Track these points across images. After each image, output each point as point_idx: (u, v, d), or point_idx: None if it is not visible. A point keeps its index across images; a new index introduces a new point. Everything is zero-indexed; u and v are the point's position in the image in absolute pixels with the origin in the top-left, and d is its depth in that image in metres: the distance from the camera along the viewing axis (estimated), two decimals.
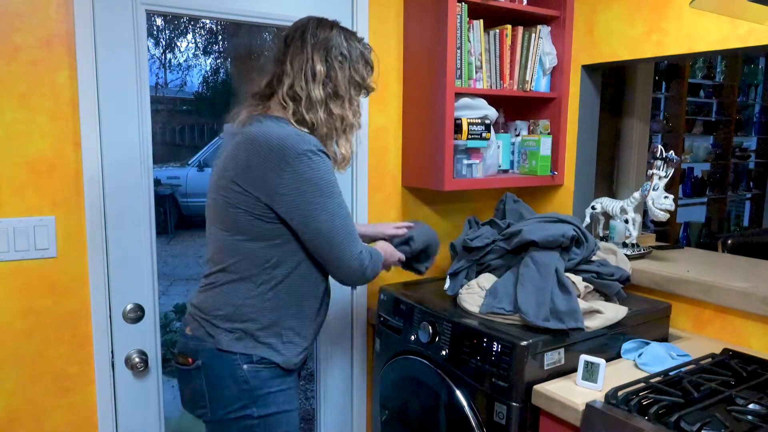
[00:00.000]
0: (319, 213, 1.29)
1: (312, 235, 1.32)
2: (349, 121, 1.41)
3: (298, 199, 1.28)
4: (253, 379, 1.35)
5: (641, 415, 1.27)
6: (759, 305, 1.65)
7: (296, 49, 1.36)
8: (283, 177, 1.26)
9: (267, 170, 1.27)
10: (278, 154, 1.26)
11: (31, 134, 1.58)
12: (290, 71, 1.35)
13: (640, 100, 2.75)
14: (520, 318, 1.58)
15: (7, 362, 1.60)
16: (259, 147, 1.28)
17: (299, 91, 1.34)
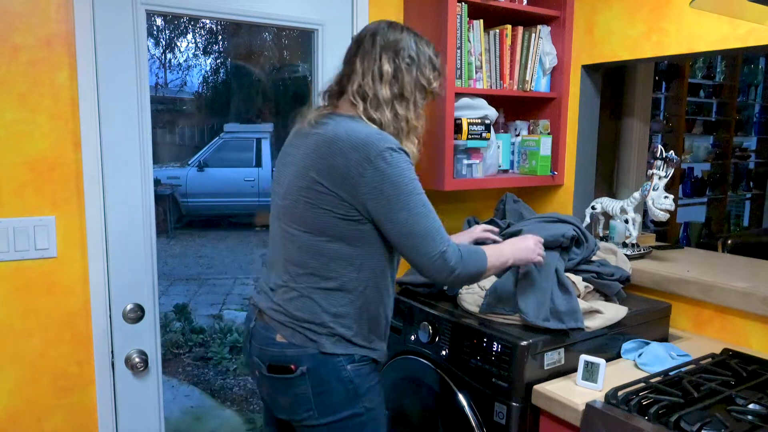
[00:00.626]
0: (399, 210, 1.29)
1: (394, 233, 1.32)
2: (413, 123, 1.42)
3: (379, 197, 1.28)
4: (356, 378, 1.37)
5: (641, 415, 1.27)
6: (759, 305, 1.65)
7: (366, 49, 1.39)
8: (364, 175, 1.27)
9: (350, 168, 1.28)
10: (361, 152, 1.27)
11: (31, 134, 1.58)
12: (359, 70, 1.38)
13: (640, 100, 2.75)
14: (520, 318, 1.58)
15: (7, 362, 1.60)
16: (342, 146, 1.29)
17: (367, 90, 1.37)
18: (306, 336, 1.35)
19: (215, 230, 4.28)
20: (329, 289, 1.36)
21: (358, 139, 1.29)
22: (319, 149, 1.33)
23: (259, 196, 4.67)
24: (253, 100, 3.26)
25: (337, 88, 1.43)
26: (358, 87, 1.37)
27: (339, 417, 1.37)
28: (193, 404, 2.86)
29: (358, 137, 1.29)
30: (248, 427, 2.71)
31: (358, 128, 1.32)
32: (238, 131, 4.38)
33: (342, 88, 1.42)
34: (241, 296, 3.70)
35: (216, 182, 4.42)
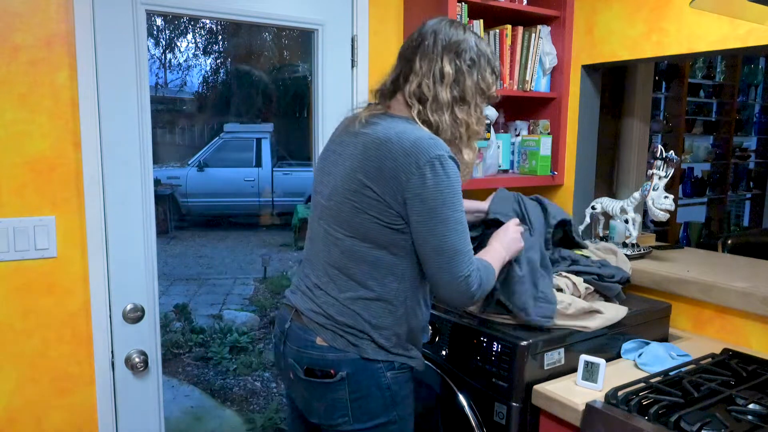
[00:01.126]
0: (437, 223, 1.24)
1: (425, 245, 1.27)
2: (474, 128, 1.37)
3: (420, 205, 1.23)
4: (394, 385, 1.35)
5: (641, 415, 1.27)
6: (759, 305, 1.65)
7: (426, 48, 1.32)
8: (411, 180, 1.23)
9: (398, 173, 1.23)
10: (411, 157, 1.23)
11: (31, 134, 1.58)
12: (418, 70, 1.32)
13: (640, 100, 2.75)
14: (515, 317, 1.57)
15: (7, 362, 1.60)
16: (393, 149, 1.25)
17: (426, 91, 1.31)
18: (347, 340, 1.32)
19: (215, 230, 4.29)
20: (369, 299, 1.32)
21: (409, 141, 1.24)
22: (367, 150, 1.28)
23: (259, 196, 4.68)
24: (253, 100, 3.26)
25: (392, 87, 1.37)
26: (417, 87, 1.31)
27: (373, 424, 1.35)
28: (193, 404, 2.86)
29: (408, 140, 1.24)
30: (248, 427, 2.71)
31: (409, 131, 1.27)
32: (238, 131, 4.39)
33: (397, 87, 1.36)
34: (241, 296, 3.70)
35: (216, 182, 4.43)
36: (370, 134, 1.30)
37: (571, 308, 1.58)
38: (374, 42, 2.07)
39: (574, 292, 1.67)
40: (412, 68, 1.33)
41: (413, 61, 1.33)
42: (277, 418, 2.64)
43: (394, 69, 1.38)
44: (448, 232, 1.24)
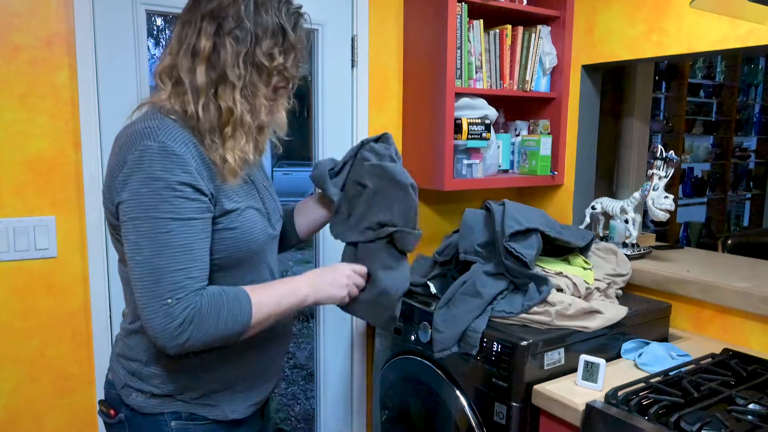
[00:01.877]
0: (129, 232, 0.98)
1: (127, 262, 1.00)
2: (240, 117, 1.05)
3: (122, 210, 0.99)
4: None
5: (641, 415, 1.26)
6: (759, 305, 1.65)
7: (186, 15, 1.05)
8: (117, 179, 1.00)
9: (113, 175, 1.02)
10: (121, 154, 1.01)
11: (31, 134, 1.58)
12: (175, 44, 1.05)
13: (640, 100, 2.74)
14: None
15: (7, 362, 1.60)
16: (114, 147, 1.04)
17: (181, 72, 1.04)
18: (122, 378, 1.13)
19: None
20: (133, 330, 1.12)
21: (126, 135, 1.02)
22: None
23: None
24: None
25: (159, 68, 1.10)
26: (167, 66, 1.05)
27: None
28: None
29: (126, 134, 1.03)
30: None
31: (137, 124, 1.03)
32: None
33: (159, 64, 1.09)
34: None
35: None
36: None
37: (571, 308, 1.57)
38: (374, 42, 2.07)
39: (574, 292, 1.67)
40: (169, 41, 1.06)
41: (174, 33, 1.06)
42: (276, 418, 2.64)
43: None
44: (140, 242, 0.97)
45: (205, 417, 1.13)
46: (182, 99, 1.05)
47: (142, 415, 1.11)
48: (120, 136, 1.05)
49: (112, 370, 1.17)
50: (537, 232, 1.68)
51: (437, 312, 1.65)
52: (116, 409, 1.13)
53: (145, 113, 1.07)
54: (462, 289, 1.65)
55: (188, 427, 1.11)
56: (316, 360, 2.19)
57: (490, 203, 1.75)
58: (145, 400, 1.10)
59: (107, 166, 1.06)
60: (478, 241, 1.74)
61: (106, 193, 1.05)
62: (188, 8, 1.06)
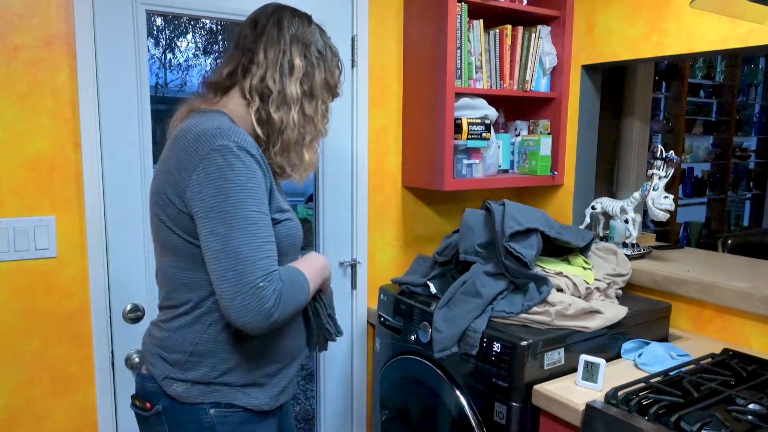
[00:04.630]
0: (216, 224, 1.05)
1: (205, 252, 1.07)
2: (318, 127, 1.24)
3: (199, 204, 1.06)
4: (221, 426, 1.16)
5: (641, 415, 1.27)
6: (759, 305, 1.65)
7: (271, 37, 1.18)
8: (192, 177, 1.06)
9: (181, 171, 1.08)
10: (191, 151, 1.07)
11: (31, 134, 1.58)
12: (262, 61, 1.17)
13: (640, 100, 2.75)
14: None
15: (7, 362, 1.60)
16: (178, 146, 1.10)
17: (271, 85, 1.17)
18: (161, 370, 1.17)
19: None
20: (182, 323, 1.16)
21: (193, 135, 1.09)
22: (165, 153, 1.15)
23: None
24: None
25: (227, 82, 1.21)
26: (259, 82, 1.17)
27: None
28: None
29: (193, 133, 1.09)
30: None
31: (203, 123, 1.10)
32: None
33: (234, 82, 1.20)
34: None
35: None
36: (174, 134, 1.14)
37: (571, 308, 1.58)
38: (374, 42, 2.07)
39: (574, 292, 1.67)
40: (253, 59, 1.17)
41: (256, 51, 1.17)
42: None
43: (229, 59, 1.21)
44: (230, 233, 1.04)
45: (241, 406, 1.18)
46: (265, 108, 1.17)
47: (181, 405, 1.15)
48: (182, 136, 1.11)
49: (148, 364, 1.20)
50: (537, 232, 1.68)
51: (437, 312, 1.65)
52: (152, 402, 1.17)
53: (207, 116, 1.14)
54: (462, 289, 1.65)
55: (226, 415, 1.16)
56: (316, 360, 2.19)
57: (490, 203, 1.75)
58: (188, 389, 1.15)
59: (163, 163, 1.13)
60: (478, 241, 1.74)
61: (166, 188, 1.11)
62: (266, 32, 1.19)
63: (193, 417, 1.15)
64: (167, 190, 1.11)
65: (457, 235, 1.83)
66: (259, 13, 1.23)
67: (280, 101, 1.18)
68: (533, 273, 1.63)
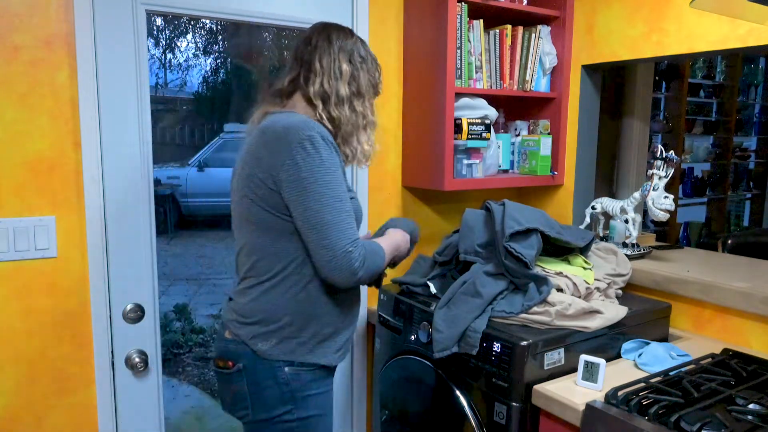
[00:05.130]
0: (311, 201, 1.28)
1: (301, 225, 1.30)
2: (370, 119, 1.48)
3: (293, 185, 1.28)
4: (293, 381, 1.37)
5: (641, 415, 1.27)
6: (759, 305, 1.65)
7: (323, 49, 1.43)
8: (285, 163, 1.28)
9: (274, 159, 1.29)
10: (282, 141, 1.29)
11: (31, 134, 1.58)
12: (319, 70, 1.41)
13: (640, 100, 2.75)
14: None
15: (7, 362, 1.60)
16: (268, 136, 1.32)
17: (327, 89, 1.41)
18: (245, 333, 1.37)
19: (215, 230, 4.28)
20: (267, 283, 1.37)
21: (281, 127, 1.31)
22: (253, 144, 1.35)
23: None
24: (253, 99, 3.26)
25: (290, 88, 1.45)
26: (320, 86, 1.41)
27: (269, 416, 1.37)
28: (193, 404, 2.86)
29: (281, 125, 1.31)
30: None
31: (285, 118, 1.34)
32: (238, 131, 4.38)
33: (296, 87, 1.44)
34: None
35: (216, 182, 4.42)
36: (259, 129, 1.37)
37: (571, 308, 1.58)
38: (374, 42, 2.07)
39: (574, 292, 1.67)
40: (311, 69, 1.42)
41: (312, 62, 1.42)
42: None
43: (290, 70, 1.46)
44: (323, 208, 1.28)
45: (313, 363, 1.38)
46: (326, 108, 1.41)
47: (261, 363, 1.35)
48: (269, 128, 1.33)
49: (234, 328, 1.39)
50: (537, 232, 1.68)
51: (437, 312, 1.65)
52: (234, 361, 1.38)
53: (286, 115, 1.38)
54: (462, 290, 1.65)
55: (299, 372, 1.37)
56: None
57: (490, 203, 1.75)
58: (272, 347, 1.36)
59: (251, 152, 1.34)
60: (478, 241, 1.74)
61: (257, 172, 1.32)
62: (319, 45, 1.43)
63: (270, 374, 1.35)
64: (258, 174, 1.31)
65: (457, 235, 1.83)
66: (310, 32, 1.47)
67: (336, 101, 1.41)
68: (533, 273, 1.63)
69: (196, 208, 4.42)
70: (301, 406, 1.38)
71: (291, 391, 1.36)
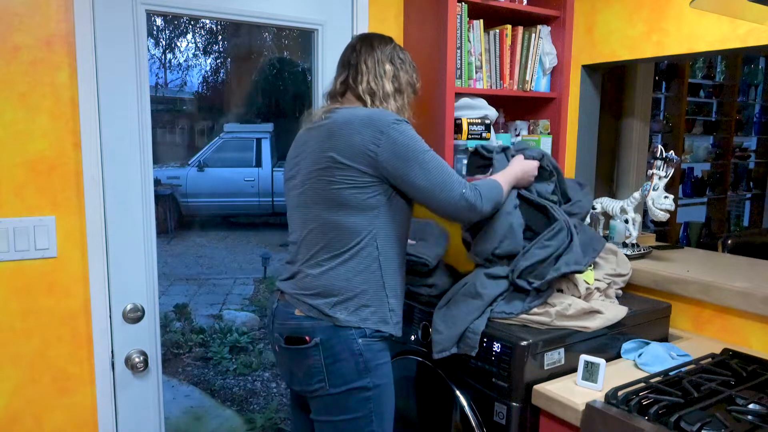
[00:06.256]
0: (416, 169, 1.43)
1: (414, 189, 1.46)
2: (408, 114, 1.63)
3: (396, 161, 1.43)
4: (367, 352, 1.46)
5: (641, 415, 1.27)
6: (759, 305, 1.65)
7: (367, 53, 1.59)
8: (381, 145, 1.43)
9: (367, 143, 1.43)
10: (372, 127, 1.44)
11: (31, 134, 1.58)
12: (365, 70, 1.57)
13: (640, 100, 2.75)
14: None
15: (7, 362, 1.60)
16: (356, 125, 1.45)
17: (374, 86, 1.56)
18: (320, 310, 1.46)
19: (215, 230, 4.28)
20: (340, 264, 1.47)
21: (365, 116, 1.46)
22: (333, 133, 1.47)
23: (259, 196, 4.67)
24: (253, 100, 3.26)
25: (342, 88, 1.60)
26: (367, 84, 1.56)
27: (347, 388, 1.45)
28: (193, 404, 2.86)
29: (364, 116, 1.46)
30: (248, 427, 2.71)
31: (361, 110, 1.50)
32: (238, 131, 4.39)
33: (347, 87, 1.59)
34: (241, 296, 3.70)
35: (216, 182, 4.42)
36: (332, 120, 1.49)
37: (571, 308, 1.58)
38: None
39: (574, 292, 1.67)
40: (359, 70, 1.58)
41: (359, 64, 1.58)
42: (276, 418, 2.64)
43: (339, 74, 1.62)
44: (428, 170, 1.44)
45: (382, 332, 1.49)
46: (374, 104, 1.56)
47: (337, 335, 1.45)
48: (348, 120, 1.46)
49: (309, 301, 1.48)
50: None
51: (437, 312, 1.65)
52: (311, 336, 1.47)
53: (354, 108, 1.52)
54: (462, 290, 1.65)
55: (370, 343, 1.47)
56: None
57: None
58: (350, 315, 1.46)
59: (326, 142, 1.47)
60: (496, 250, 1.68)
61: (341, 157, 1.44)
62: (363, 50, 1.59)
63: (346, 346, 1.45)
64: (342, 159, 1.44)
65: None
66: (354, 41, 1.63)
67: (382, 96, 1.57)
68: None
69: (196, 208, 4.42)
70: (375, 375, 1.47)
71: (365, 362, 1.46)
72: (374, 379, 1.47)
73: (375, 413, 1.47)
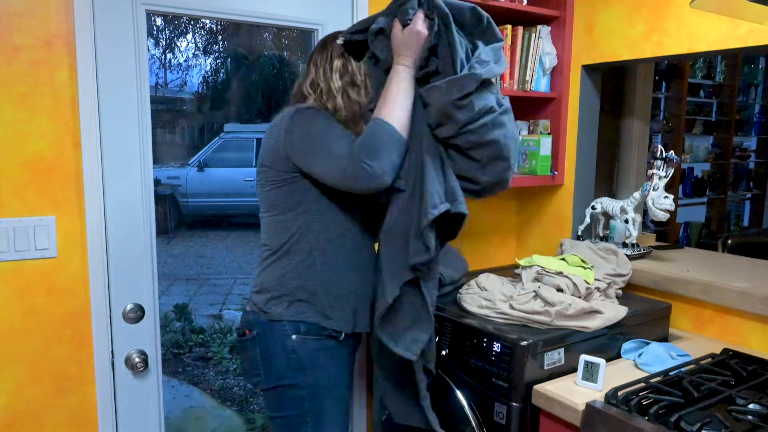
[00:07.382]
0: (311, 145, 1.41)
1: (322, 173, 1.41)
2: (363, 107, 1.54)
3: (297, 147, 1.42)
4: (300, 349, 1.46)
5: (641, 415, 1.27)
6: (759, 305, 1.66)
7: (318, 52, 1.57)
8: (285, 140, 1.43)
9: (278, 143, 1.44)
10: (281, 124, 1.46)
11: (31, 134, 1.58)
12: (313, 69, 1.55)
13: (640, 100, 2.75)
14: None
15: (7, 362, 1.60)
16: (272, 127, 1.49)
17: (320, 82, 1.53)
18: (257, 303, 1.51)
19: (215, 230, 4.28)
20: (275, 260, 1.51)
21: (279, 116, 1.49)
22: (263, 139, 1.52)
23: None
24: (253, 100, 3.26)
25: (295, 90, 1.62)
26: (312, 81, 1.54)
27: (278, 384, 1.48)
28: (193, 404, 2.86)
29: (279, 116, 1.49)
30: (248, 428, 2.72)
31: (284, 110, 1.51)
32: (238, 131, 4.38)
33: (299, 88, 1.59)
34: (241, 296, 3.70)
35: (216, 182, 4.42)
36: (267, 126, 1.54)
37: (571, 308, 1.58)
38: None
39: (574, 292, 1.67)
40: (308, 71, 1.56)
41: (309, 65, 1.57)
42: None
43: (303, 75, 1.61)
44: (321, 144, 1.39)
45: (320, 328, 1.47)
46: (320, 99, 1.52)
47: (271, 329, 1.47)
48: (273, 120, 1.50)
49: (251, 302, 1.55)
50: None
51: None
52: (250, 329, 1.51)
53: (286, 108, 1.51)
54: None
55: (305, 340, 1.46)
56: None
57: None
58: (284, 309, 1.47)
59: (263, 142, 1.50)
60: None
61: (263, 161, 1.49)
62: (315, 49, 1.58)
63: (279, 341, 1.46)
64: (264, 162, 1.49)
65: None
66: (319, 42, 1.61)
67: (326, 91, 1.51)
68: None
69: (196, 208, 4.42)
70: (311, 375, 1.46)
71: (298, 359, 1.45)
72: (309, 378, 1.46)
73: (310, 414, 1.47)
